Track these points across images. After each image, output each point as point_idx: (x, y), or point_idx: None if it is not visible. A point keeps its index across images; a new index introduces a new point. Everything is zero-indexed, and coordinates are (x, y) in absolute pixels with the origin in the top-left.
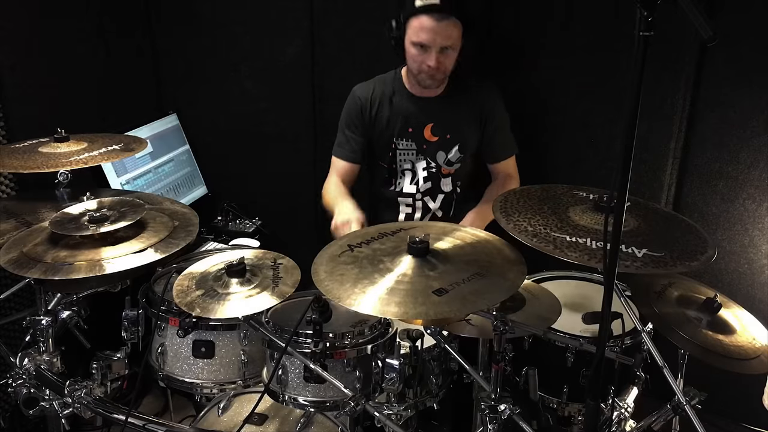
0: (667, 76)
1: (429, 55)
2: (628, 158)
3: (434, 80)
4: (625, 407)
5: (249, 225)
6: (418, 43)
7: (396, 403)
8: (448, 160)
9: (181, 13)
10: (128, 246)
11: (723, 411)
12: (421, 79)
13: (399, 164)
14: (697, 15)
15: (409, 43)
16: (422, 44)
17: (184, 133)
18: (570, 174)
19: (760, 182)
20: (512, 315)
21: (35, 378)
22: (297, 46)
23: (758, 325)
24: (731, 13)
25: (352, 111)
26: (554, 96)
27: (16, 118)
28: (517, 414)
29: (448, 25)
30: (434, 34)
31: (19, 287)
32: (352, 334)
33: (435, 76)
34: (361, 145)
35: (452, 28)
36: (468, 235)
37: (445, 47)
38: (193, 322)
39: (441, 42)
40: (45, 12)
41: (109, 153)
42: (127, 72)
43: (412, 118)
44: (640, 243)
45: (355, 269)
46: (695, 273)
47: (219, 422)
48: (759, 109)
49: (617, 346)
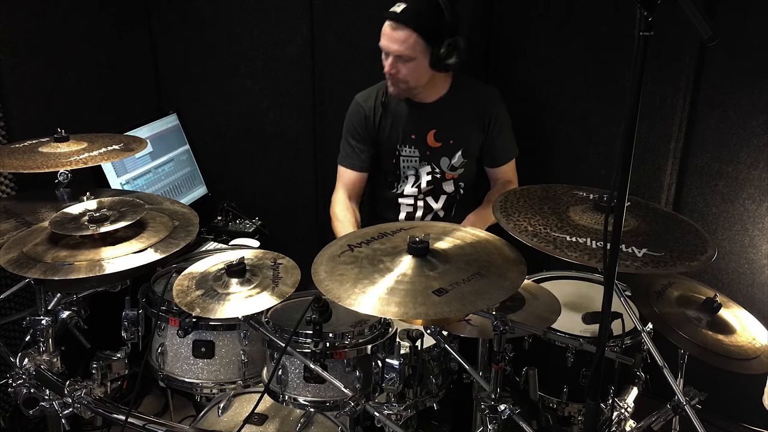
0: (667, 76)
1: (386, 61)
2: (628, 158)
3: (395, 87)
4: (625, 407)
5: (249, 225)
6: (381, 46)
7: (396, 403)
8: (451, 166)
9: (181, 12)
10: (128, 246)
11: (723, 411)
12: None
13: (403, 170)
14: (697, 15)
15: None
16: (382, 48)
17: (184, 133)
18: (570, 174)
19: (760, 182)
20: (512, 315)
21: (35, 378)
22: (297, 46)
23: (758, 325)
24: (731, 13)
25: (355, 120)
26: (554, 96)
27: (16, 118)
28: (517, 414)
29: (401, 35)
30: (388, 41)
31: (19, 287)
32: (352, 334)
33: (396, 84)
34: (367, 153)
35: (406, 38)
36: (468, 235)
37: (399, 56)
38: (193, 322)
39: (394, 49)
40: (45, 12)
41: (109, 153)
42: (127, 72)
43: (414, 124)
44: (640, 243)
45: (355, 269)
46: (695, 273)
47: (219, 422)
48: (759, 109)
49: (617, 346)
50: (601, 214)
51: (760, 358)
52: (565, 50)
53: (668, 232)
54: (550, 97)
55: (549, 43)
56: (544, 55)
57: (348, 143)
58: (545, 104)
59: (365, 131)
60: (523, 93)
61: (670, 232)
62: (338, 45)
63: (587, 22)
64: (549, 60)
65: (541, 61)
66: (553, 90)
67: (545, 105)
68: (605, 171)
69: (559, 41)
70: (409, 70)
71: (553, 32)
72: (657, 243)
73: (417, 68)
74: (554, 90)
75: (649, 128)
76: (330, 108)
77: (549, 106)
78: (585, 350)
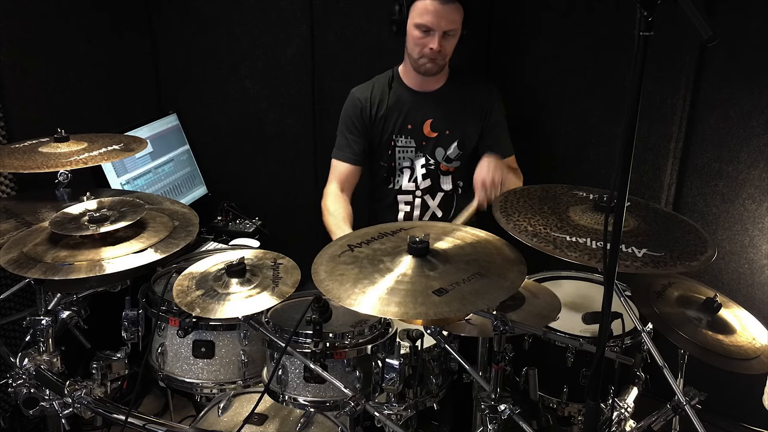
0: (667, 76)
1: (432, 39)
2: (628, 158)
3: (434, 64)
4: (625, 407)
5: (249, 225)
6: (422, 24)
7: (396, 403)
8: (447, 157)
9: (181, 12)
10: (128, 246)
11: (723, 411)
12: (421, 63)
13: (398, 162)
14: (697, 15)
15: (412, 26)
16: (426, 27)
17: (184, 133)
18: (570, 174)
19: (760, 182)
20: (512, 314)
21: (35, 378)
22: (297, 46)
23: (758, 325)
24: (731, 13)
25: (351, 113)
26: (554, 96)
27: (16, 118)
28: (517, 414)
29: (452, 9)
30: (438, 18)
31: (19, 287)
32: (352, 334)
33: (436, 60)
34: (362, 146)
35: (456, 13)
36: (468, 235)
37: (447, 31)
38: (193, 322)
39: (445, 26)
40: (45, 12)
41: (109, 153)
42: (127, 72)
43: (411, 113)
44: (640, 243)
45: (355, 269)
46: (695, 273)
47: (219, 422)
48: (759, 109)
49: (617, 346)
50: (601, 214)
51: (760, 358)
52: (565, 50)
53: (668, 232)
54: (549, 97)
55: (549, 43)
56: (544, 55)
57: (344, 136)
58: (545, 104)
59: (361, 123)
60: (524, 93)
61: (670, 232)
62: (338, 45)
63: (587, 22)
64: (549, 60)
65: (541, 62)
66: (553, 90)
67: (545, 105)
68: (605, 171)
69: (559, 41)
70: (452, 46)
71: (553, 32)
72: (657, 243)
73: (455, 43)
74: (554, 90)
75: (649, 128)
76: (330, 108)
77: (549, 106)
78: (585, 350)
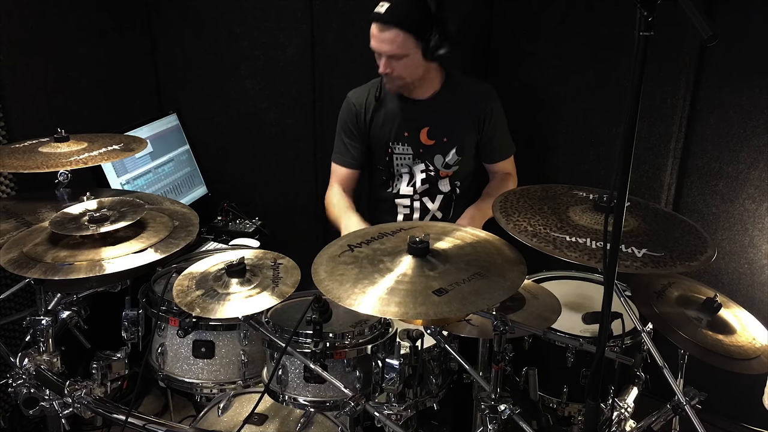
0: (667, 76)
1: (380, 61)
2: (628, 158)
3: (393, 85)
4: (625, 407)
5: (249, 225)
6: (372, 48)
7: (396, 403)
8: (445, 164)
9: (181, 12)
10: (128, 246)
11: (723, 411)
12: (386, 82)
13: (396, 168)
14: (697, 15)
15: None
16: (374, 50)
17: (184, 133)
18: (570, 174)
19: (760, 182)
20: (512, 315)
21: (35, 378)
22: (297, 46)
23: (758, 325)
24: (731, 13)
25: (347, 117)
26: (554, 96)
27: (16, 118)
28: (517, 414)
29: (391, 35)
30: (380, 42)
31: (19, 287)
32: (352, 334)
33: (393, 82)
34: (360, 150)
35: (396, 37)
36: (468, 235)
37: (392, 55)
38: (193, 322)
39: (387, 50)
40: (45, 12)
41: (109, 153)
42: (127, 72)
43: (406, 121)
44: (640, 243)
45: (355, 269)
46: (695, 273)
47: (219, 422)
48: (759, 109)
49: (617, 346)
50: (601, 214)
51: (760, 358)
52: (565, 50)
53: (668, 232)
54: (549, 97)
55: (549, 43)
56: (543, 55)
57: (341, 140)
58: (545, 104)
59: (357, 128)
60: (523, 93)
61: (669, 232)
62: (338, 45)
63: (587, 22)
64: (549, 60)
65: (540, 62)
66: (553, 90)
67: (545, 105)
68: (605, 171)
69: (559, 41)
70: (404, 66)
71: (553, 32)
72: (657, 243)
73: (411, 63)
74: (554, 90)
75: (649, 128)
76: (330, 108)
77: (549, 106)
78: (585, 350)
